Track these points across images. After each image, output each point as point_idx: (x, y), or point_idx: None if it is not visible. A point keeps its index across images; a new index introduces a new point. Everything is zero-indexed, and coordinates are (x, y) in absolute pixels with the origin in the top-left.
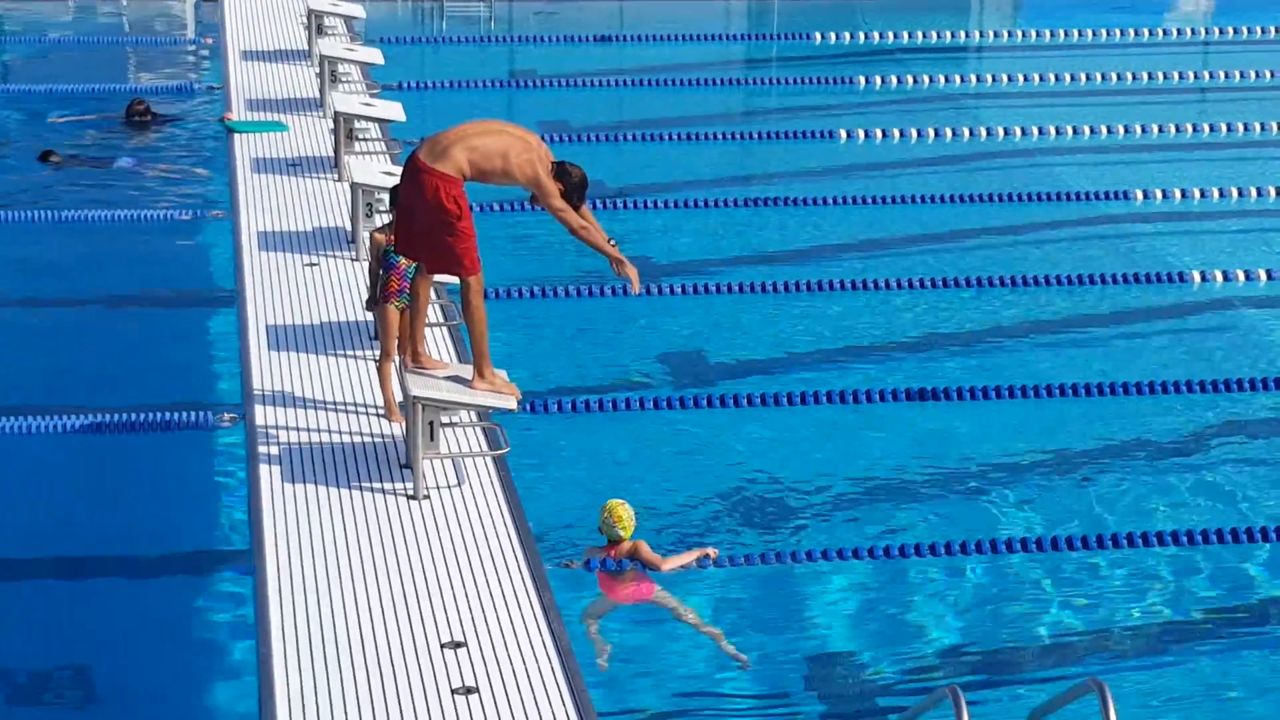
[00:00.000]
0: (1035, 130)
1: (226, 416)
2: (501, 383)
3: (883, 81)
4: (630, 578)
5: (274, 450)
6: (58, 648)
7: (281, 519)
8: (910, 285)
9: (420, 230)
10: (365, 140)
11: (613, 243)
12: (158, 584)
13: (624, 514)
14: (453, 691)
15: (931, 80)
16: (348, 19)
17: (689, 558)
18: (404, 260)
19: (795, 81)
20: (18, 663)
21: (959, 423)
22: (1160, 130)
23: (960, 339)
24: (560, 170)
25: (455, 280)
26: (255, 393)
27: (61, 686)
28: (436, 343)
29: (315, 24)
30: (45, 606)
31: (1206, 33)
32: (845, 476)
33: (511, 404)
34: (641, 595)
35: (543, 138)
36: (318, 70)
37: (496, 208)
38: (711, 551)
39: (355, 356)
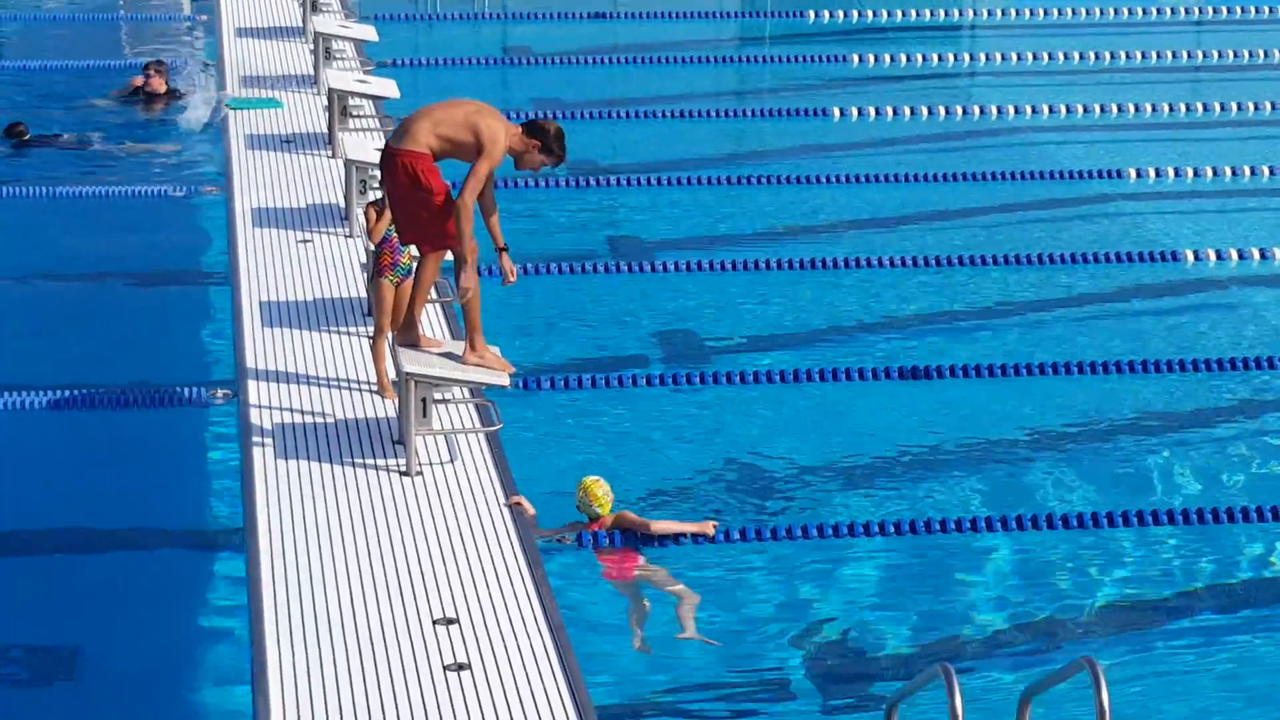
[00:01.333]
0: (1028, 109)
1: (219, 393)
2: (493, 358)
3: (876, 60)
4: (613, 553)
5: (266, 426)
6: (49, 624)
7: (274, 495)
8: (903, 264)
9: (402, 213)
10: (359, 117)
11: (505, 250)
12: (150, 560)
13: (599, 491)
14: (444, 668)
15: (925, 59)
16: None
17: (683, 527)
18: (396, 235)
19: (788, 60)
20: (7, 640)
21: (952, 401)
22: (1153, 109)
23: (954, 317)
24: (532, 127)
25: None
26: (248, 369)
27: (52, 663)
28: (430, 320)
29: (310, 1)
30: (37, 583)
31: (1200, 12)
32: (838, 456)
33: (504, 380)
34: (625, 571)
35: (537, 115)
36: (312, 47)
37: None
38: (709, 528)
39: (348, 333)
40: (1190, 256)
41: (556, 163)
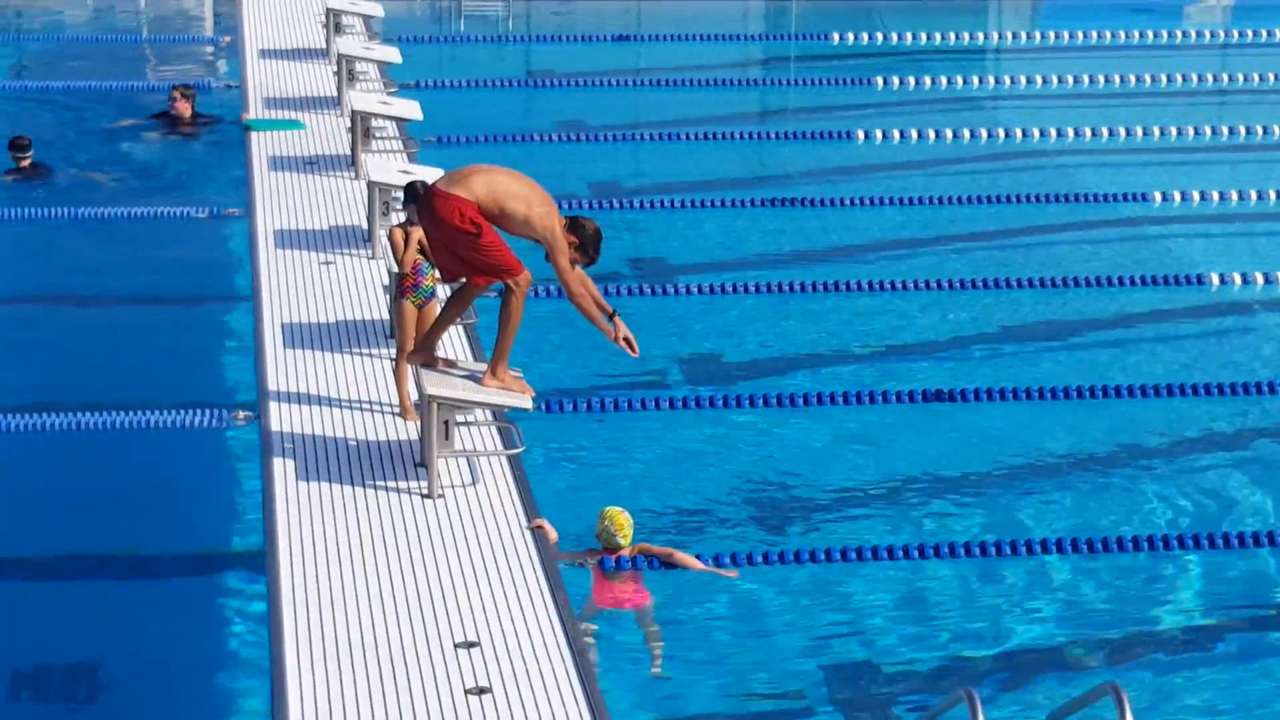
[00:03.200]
0: (1054, 132)
1: (241, 415)
2: (513, 381)
3: (901, 83)
4: (629, 583)
5: (288, 448)
6: (72, 647)
7: (295, 517)
8: (929, 286)
9: (447, 253)
10: (382, 139)
11: (613, 312)
12: (172, 582)
13: (624, 521)
14: (465, 691)
15: (950, 82)
16: (366, 18)
17: (705, 568)
18: (420, 256)
19: (813, 82)
20: (32, 662)
21: (978, 425)
22: (1179, 132)
23: (979, 341)
24: (574, 224)
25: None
26: (270, 391)
27: (76, 686)
28: (452, 340)
29: (333, 22)
30: (60, 605)
31: (1225, 35)
32: (862, 478)
33: (526, 403)
34: (638, 603)
35: (560, 138)
36: (335, 69)
37: None
38: (732, 575)
39: (370, 355)
40: (1216, 279)
41: (587, 264)
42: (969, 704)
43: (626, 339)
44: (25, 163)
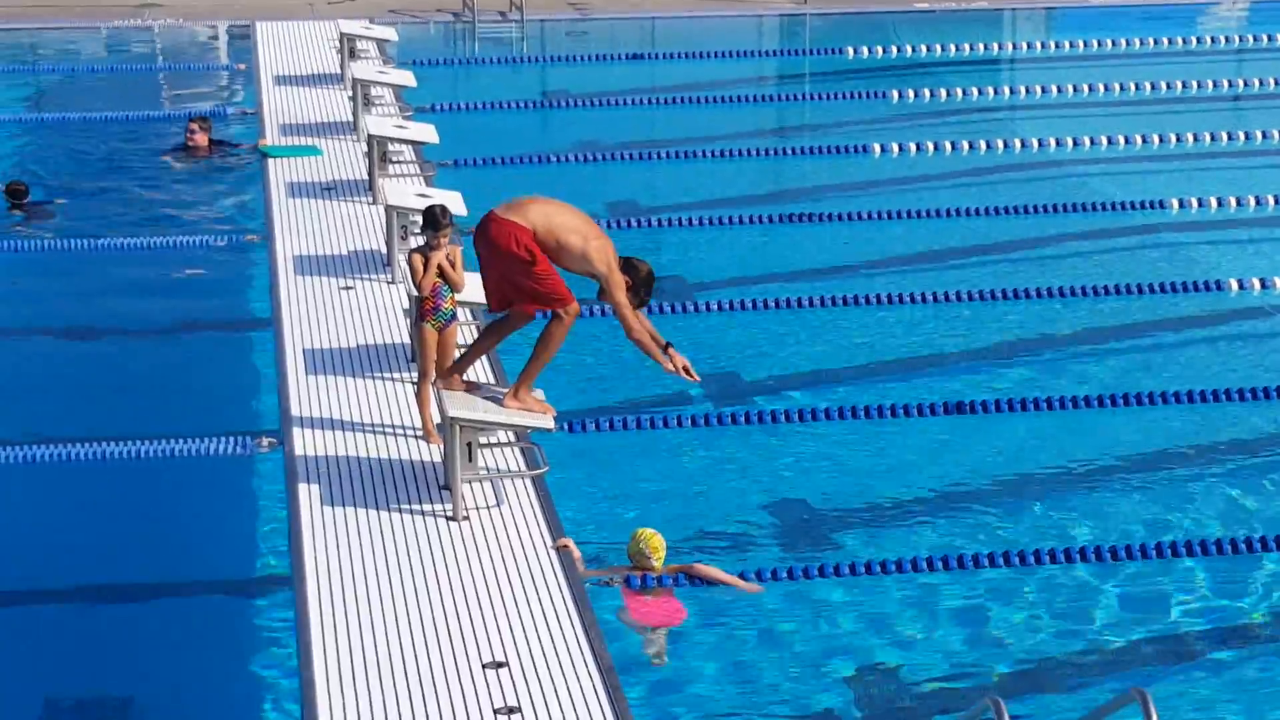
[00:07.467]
0: (1070, 141)
1: (265, 441)
2: (535, 402)
3: (916, 95)
4: (662, 600)
5: (313, 474)
6: (100, 674)
7: (321, 542)
8: (945, 299)
9: (502, 279)
10: (399, 163)
11: (667, 346)
12: (199, 609)
13: (659, 544)
14: (495, 711)
15: (965, 93)
16: (380, 42)
17: (732, 580)
18: (439, 280)
19: (828, 97)
20: (60, 691)
21: (999, 435)
22: (1195, 139)
23: (997, 351)
24: (628, 264)
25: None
26: (293, 417)
27: (104, 712)
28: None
29: (347, 47)
30: (88, 633)
31: (1239, 40)
32: (884, 490)
33: (549, 424)
34: (673, 619)
35: (576, 158)
36: (350, 94)
37: None
38: (756, 589)
39: (392, 379)
40: (1235, 285)
41: (638, 305)
42: (996, 713)
43: (685, 368)
44: (23, 205)
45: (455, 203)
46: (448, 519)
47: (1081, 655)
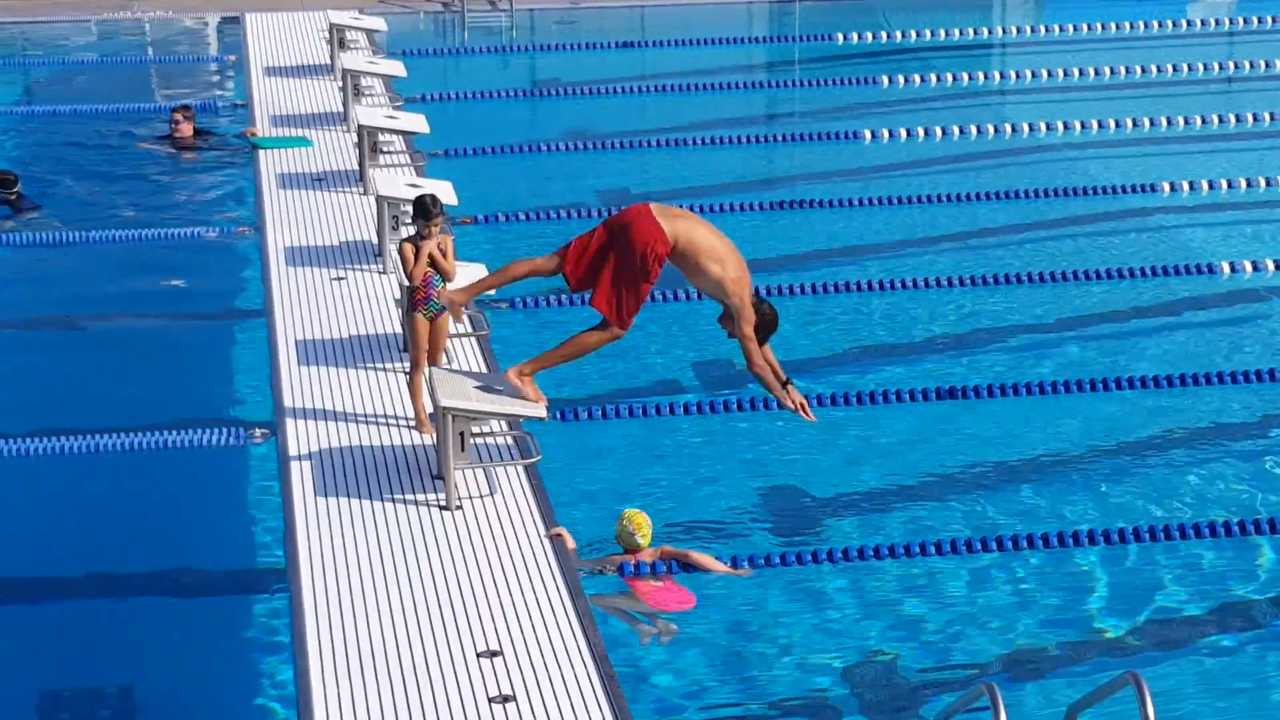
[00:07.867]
0: (1060, 125)
1: (258, 432)
2: (531, 389)
3: (906, 80)
4: (668, 584)
5: (306, 464)
6: (93, 665)
7: (315, 532)
8: (938, 284)
9: (602, 263)
10: (389, 153)
11: (787, 382)
12: (193, 601)
13: (643, 521)
14: (490, 700)
15: (955, 78)
16: (369, 32)
17: (720, 566)
18: (430, 269)
19: (819, 83)
20: (55, 682)
21: (992, 420)
22: (1186, 122)
23: (990, 336)
24: (757, 303)
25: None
26: (286, 408)
27: (100, 705)
28: (465, 353)
29: (337, 38)
30: (80, 623)
31: (1231, 23)
32: (876, 476)
33: (541, 412)
34: (684, 602)
35: (567, 146)
36: (340, 84)
37: (523, 217)
38: (745, 573)
39: (384, 369)
40: (1227, 268)
41: (761, 342)
42: (990, 698)
43: (802, 405)
44: (13, 196)
45: (446, 192)
46: (441, 508)
47: (1076, 639)
